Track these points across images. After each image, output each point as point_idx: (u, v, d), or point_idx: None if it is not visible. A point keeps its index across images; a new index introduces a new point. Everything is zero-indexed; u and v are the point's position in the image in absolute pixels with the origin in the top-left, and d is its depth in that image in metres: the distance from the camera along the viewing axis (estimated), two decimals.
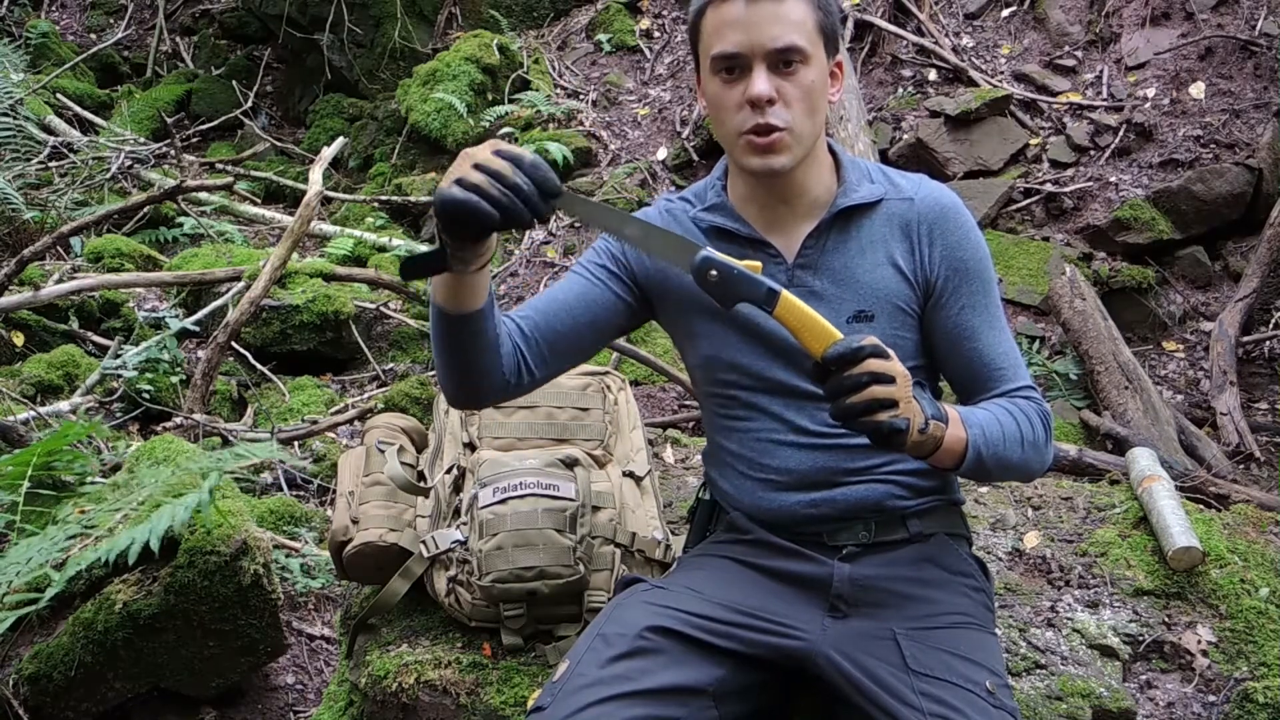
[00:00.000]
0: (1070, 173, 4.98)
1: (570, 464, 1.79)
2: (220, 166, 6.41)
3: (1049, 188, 4.94)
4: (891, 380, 1.25)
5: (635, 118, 6.13)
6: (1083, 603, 1.99)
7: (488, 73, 6.25)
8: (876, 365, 1.25)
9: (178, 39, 8.29)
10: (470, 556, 1.73)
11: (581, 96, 6.31)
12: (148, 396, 3.82)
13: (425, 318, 4.83)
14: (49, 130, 6.32)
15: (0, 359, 4.12)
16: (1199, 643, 1.93)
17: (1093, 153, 5.01)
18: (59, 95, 6.75)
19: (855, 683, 1.37)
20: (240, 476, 3.35)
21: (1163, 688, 1.88)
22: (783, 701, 1.50)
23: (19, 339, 4.23)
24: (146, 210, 5.38)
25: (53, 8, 8.66)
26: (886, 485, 1.53)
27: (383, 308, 4.94)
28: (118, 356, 3.95)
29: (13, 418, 3.22)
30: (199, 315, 4.46)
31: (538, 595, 1.71)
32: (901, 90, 5.60)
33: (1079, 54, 5.43)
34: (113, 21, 8.58)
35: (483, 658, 1.76)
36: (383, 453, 1.92)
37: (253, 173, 6.37)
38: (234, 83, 7.36)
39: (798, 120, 1.45)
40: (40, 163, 5.83)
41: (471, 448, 1.87)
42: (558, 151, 5.56)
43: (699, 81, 1.54)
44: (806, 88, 1.45)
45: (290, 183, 6.37)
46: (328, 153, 4.67)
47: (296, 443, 3.76)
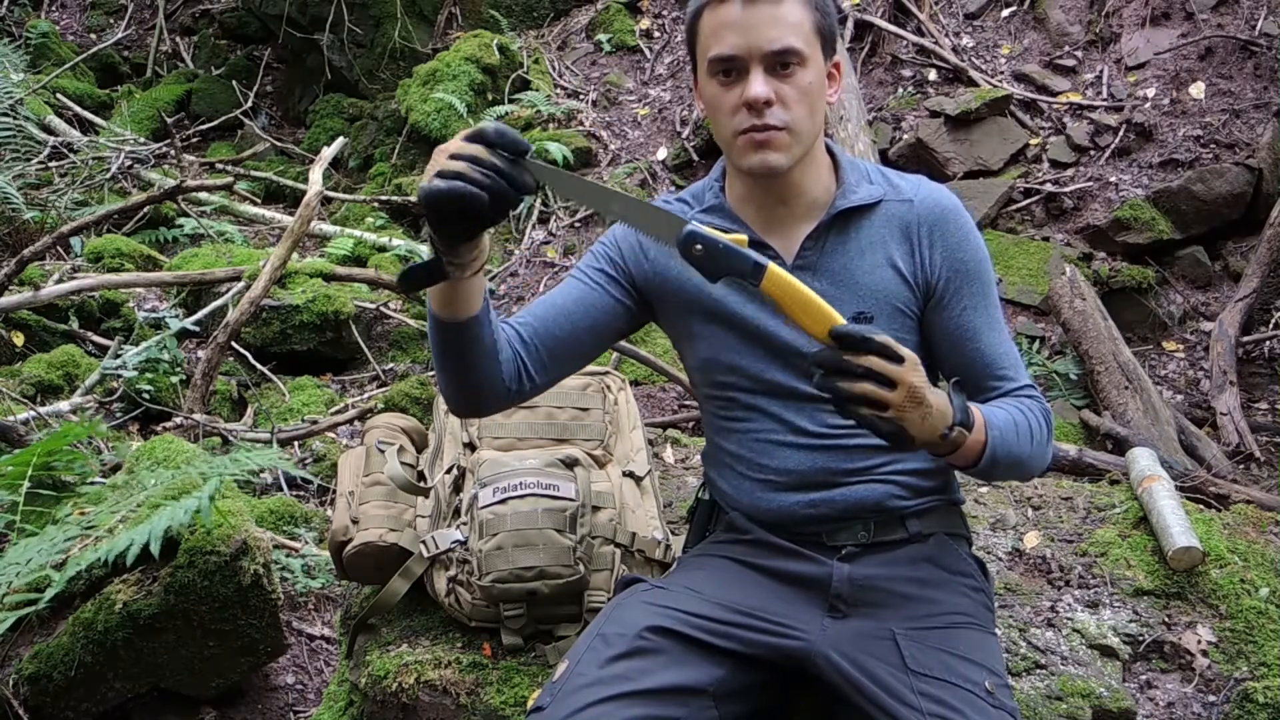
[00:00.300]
0: (1070, 173, 4.98)
1: (570, 464, 1.79)
2: (220, 166, 6.41)
3: (1049, 188, 4.93)
4: (891, 385, 1.24)
5: (635, 118, 6.13)
6: (1083, 603, 1.99)
7: (488, 73, 6.24)
8: (878, 364, 1.24)
9: (178, 39, 8.28)
10: (470, 556, 1.73)
11: (581, 96, 6.31)
12: (148, 396, 3.82)
13: (425, 318, 4.82)
14: (49, 130, 6.31)
15: (0, 359, 4.12)
16: (1199, 643, 1.93)
17: (1093, 153, 5.01)
18: (59, 95, 6.74)
19: (854, 683, 1.37)
20: (240, 476, 3.34)
21: (1163, 688, 1.87)
22: (782, 701, 1.50)
23: (19, 339, 4.23)
24: (146, 210, 5.38)
25: (53, 8, 8.66)
26: (886, 485, 1.54)
27: (383, 308, 4.94)
28: (118, 356, 3.95)
29: (13, 418, 3.22)
30: (199, 315, 4.46)
31: (538, 595, 1.71)
32: (901, 90, 5.60)
33: (1079, 54, 5.43)
34: (113, 21, 8.57)
35: (483, 658, 1.76)
36: (383, 453, 1.92)
37: (253, 173, 6.37)
38: (234, 83, 7.35)
39: (796, 120, 1.45)
40: (40, 163, 5.82)
41: (471, 448, 1.87)
42: (558, 151, 5.56)
43: (696, 83, 1.54)
44: (804, 89, 1.45)
45: (290, 183, 6.37)
46: (328, 153, 4.68)
47: (296, 442, 3.76)
